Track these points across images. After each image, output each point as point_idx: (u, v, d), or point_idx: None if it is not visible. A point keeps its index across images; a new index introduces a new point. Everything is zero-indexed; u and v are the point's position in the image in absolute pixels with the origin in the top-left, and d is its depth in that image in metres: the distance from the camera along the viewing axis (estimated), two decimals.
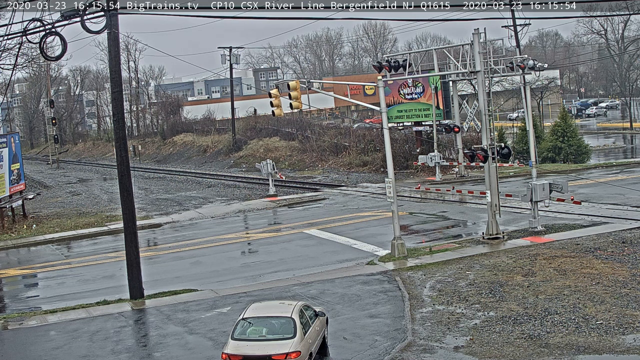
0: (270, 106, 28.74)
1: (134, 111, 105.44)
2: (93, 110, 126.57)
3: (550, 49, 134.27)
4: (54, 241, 34.86)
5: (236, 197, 45.22)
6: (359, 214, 35.06)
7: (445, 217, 32.61)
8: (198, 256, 29.07)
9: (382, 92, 26.10)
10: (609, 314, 17.43)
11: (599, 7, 75.91)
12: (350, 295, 20.94)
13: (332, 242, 29.45)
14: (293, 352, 14.52)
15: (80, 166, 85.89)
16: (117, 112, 23.08)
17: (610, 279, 20.17)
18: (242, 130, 74.07)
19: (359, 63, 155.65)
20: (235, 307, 20.15)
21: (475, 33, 26.44)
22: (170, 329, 19.31)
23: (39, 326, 20.60)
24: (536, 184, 27.09)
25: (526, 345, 16.02)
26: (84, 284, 26.21)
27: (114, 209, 41.61)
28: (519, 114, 75.68)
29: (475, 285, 20.73)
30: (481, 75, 26.73)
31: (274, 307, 16.32)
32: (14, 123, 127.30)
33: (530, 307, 18.40)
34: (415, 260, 24.49)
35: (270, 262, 26.95)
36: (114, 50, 22.54)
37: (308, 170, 57.50)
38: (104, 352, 17.84)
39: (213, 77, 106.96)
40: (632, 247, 23.60)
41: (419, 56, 31.33)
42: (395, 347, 16.48)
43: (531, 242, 25.63)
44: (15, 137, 43.90)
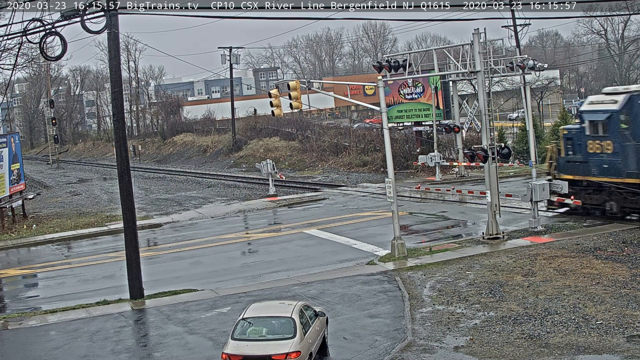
0: (270, 106, 28.74)
1: (134, 111, 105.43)
2: (93, 110, 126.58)
3: (550, 49, 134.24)
4: (54, 241, 34.87)
5: (236, 197, 45.22)
6: (359, 214, 35.06)
7: (445, 217, 32.61)
8: (198, 256, 29.07)
9: (382, 92, 26.10)
10: (609, 314, 17.43)
11: (599, 7, 75.94)
12: (350, 295, 20.95)
13: (332, 242, 29.45)
14: (293, 352, 14.52)
15: (80, 166, 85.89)
16: (117, 112, 23.08)
17: (610, 279, 20.17)
18: (242, 130, 74.06)
19: (359, 63, 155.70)
20: (235, 307, 20.15)
21: (475, 33, 26.44)
22: (170, 329, 19.32)
23: (39, 326, 20.60)
24: (536, 184, 27.09)
25: (526, 345, 16.02)
26: (84, 284, 26.21)
27: (114, 209, 41.61)
28: (519, 114, 75.67)
29: (475, 285, 20.73)
30: (481, 75, 26.73)
31: (274, 307, 16.32)
32: (14, 123, 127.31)
33: (530, 307, 18.40)
34: (415, 260, 24.49)
35: (270, 262, 26.95)
36: (114, 50, 22.54)
37: (308, 170, 57.51)
38: (104, 352, 17.84)
39: (213, 77, 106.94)
40: (632, 247, 23.61)
41: (419, 56, 31.33)
42: (395, 347, 16.48)
43: (531, 242, 25.63)
44: (15, 137, 43.91)
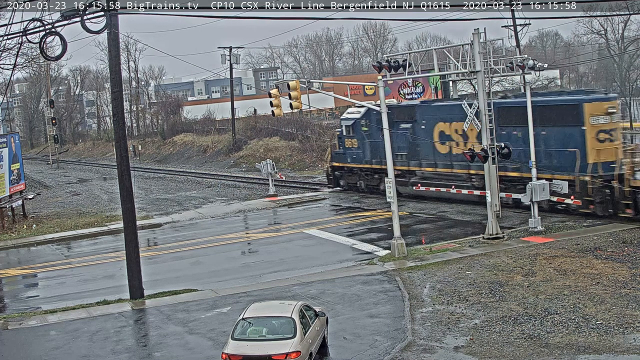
0: (270, 106, 28.70)
1: (134, 111, 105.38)
2: (93, 110, 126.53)
3: (550, 49, 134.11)
4: (54, 241, 34.87)
5: (236, 197, 45.21)
6: (360, 214, 35.07)
7: (445, 217, 32.61)
8: (198, 256, 29.08)
9: (382, 92, 26.10)
10: (609, 314, 17.43)
11: (599, 7, 75.81)
12: (350, 295, 20.95)
13: (332, 242, 29.46)
14: (293, 352, 14.53)
15: (80, 166, 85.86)
16: (117, 112, 23.09)
17: (610, 279, 20.17)
18: (242, 130, 74.02)
19: (359, 63, 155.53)
20: (235, 307, 20.15)
21: (475, 33, 26.43)
22: (170, 329, 19.32)
23: (39, 326, 20.61)
24: (536, 184, 27.09)
25: (526, 345, 16.02)
26: (84, 284, 26.22)
27: (114, 209, 41.60)
28: None
29: (475, 285, 20.74)
30: (481, 75, 26.73)
31: (274, 307, 16.33)
32: (14, 123, 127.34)
33: (530, 307, 18.40)
34: (415, 260, 24.49)
35: (270, 262, 26.96)
36: (114, 50, 22.54)
37: (308, 170, 57.52)
38: (104, 352, 17.84)
39: (213, 77, 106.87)
40: (632, 247, 23.61)
41: (419, 56, 31.32)
42: (395, 347, 16.49)
43: (531, 242, 25.63)
44: (15, 137, 43.92)
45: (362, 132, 38.75)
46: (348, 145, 39.97)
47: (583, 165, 28.16)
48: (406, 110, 37.24)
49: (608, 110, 28.34)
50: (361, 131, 38.77)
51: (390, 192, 25.56)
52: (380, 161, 36.67)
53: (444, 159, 34.74)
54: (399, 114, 36.56)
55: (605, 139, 28.38)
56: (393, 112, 34.18)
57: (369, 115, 37.79)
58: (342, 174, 41.41)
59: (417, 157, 36.17)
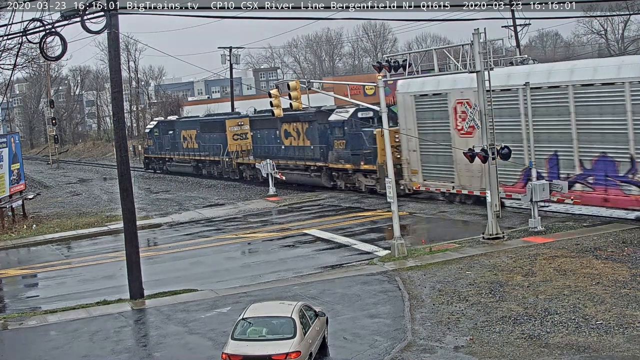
0: (270, 106, 28.73)
1: (134, 111, 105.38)
2: (93, 110, 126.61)
3: (550, 49, 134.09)
4: (54, 241, 34.86)
5: (236, 197, 45.20)
6: (360, 214, 35.07)
7: (445, 217, 32.60)
8: (198, 256, 29.09)
9: (382, 92, 26.10)
10: (609, 314, 17.43)
11: (599, 7, 75.80)
12: (350, 295, 20.94)
13: (332, 242, 29.45)
14: (293, 352, 14.52)
15: (80, 166, 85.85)
16: (117, 112, 23.10)
17: (610, 279, 20.16)
18: None
19: (359, 63, 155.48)
20: (235, 307, 20.14)
21: (475, 33, 26.40)
22: (170, 329, 19.32)
23: (39, 326, 20.61)
24: (536, 184, 27.09)
25: (526, 345, 16.02)
26: (84, 284, 26.22)
27: (114, 209, 41.59)
28: None
29: (475, 285, 20.73)
30: (481, 75, 26.72)
31: (274, 307, 16.33)
32: (14, 123, 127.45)
33: (530, 307, 18.40)
34: (415, 260, 24.48)
35: (270, 262, 26.96)
36: (114, 50, 22.54)
37: None
38: (104, 352, 17.85)
39: (213, 77, 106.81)
40: (632, 247, 23.59)
41: (419, 56, 31.28)
42: (395, 347, 16.48)
43: (531, 242, 25.62)
44: (15, 137, 43.92)
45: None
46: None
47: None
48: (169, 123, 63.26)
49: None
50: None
51: (390, 191, 25.56)
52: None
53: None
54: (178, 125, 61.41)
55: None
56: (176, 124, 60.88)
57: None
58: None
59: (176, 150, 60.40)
